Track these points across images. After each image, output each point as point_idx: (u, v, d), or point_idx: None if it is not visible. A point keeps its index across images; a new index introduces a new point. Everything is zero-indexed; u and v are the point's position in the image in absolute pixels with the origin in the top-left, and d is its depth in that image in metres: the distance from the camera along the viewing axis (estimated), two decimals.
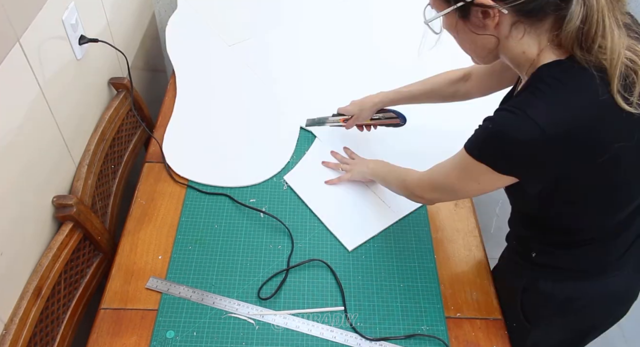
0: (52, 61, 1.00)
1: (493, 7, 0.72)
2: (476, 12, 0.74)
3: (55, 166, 1.04)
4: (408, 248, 1.12)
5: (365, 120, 1.25)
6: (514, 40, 0.76)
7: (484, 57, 0.84)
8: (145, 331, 0.97)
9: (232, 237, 1.12)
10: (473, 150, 0.79)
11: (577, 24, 0.69)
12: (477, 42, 0.80)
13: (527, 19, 0.73)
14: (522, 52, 0.77)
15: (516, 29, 0.74)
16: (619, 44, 0.69)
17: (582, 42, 0.70)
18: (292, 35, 1.61)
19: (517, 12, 0.72)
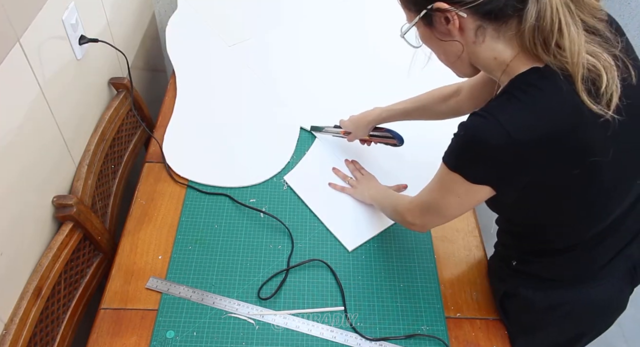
0: (52, 61, 1.00)
1: (450, 10, 0.72)
2: (439, 18, 0.74)
3: (55, 166, 1.04)
4: (408, 248, 1.12)
5: (363, 136, 1.23)
6: (482, 45, 0.75)
7: (459, 68, 0.82)
8: (145, 331, 0.97)
9: (232, 237, 1.12)
10: (447, 159, 0.79)
11: (532, 22, 0.68)
12: (446, 50, 0.79)
13: (491, 23, 0.72)
14: (494, 58, 0.75)
15: (482, 34, 0.73)
16: (578, 43, 0.67)
17: (541, 42, 0.69)
18: (292, 36, 1.61)
19: (476, 15, 0.71)
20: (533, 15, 0.67)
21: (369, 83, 1.48)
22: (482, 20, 0.72)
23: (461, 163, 0.77)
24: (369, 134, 1.21)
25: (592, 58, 0.68)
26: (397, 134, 1.19)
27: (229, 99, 1.41)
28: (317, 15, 1.68)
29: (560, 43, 0.68)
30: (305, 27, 1.64)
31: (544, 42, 0.69)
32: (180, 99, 1.39)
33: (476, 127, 0.72)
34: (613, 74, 0.69)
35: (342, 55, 1.56)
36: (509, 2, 0.69)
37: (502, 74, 0.76)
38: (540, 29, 0.68)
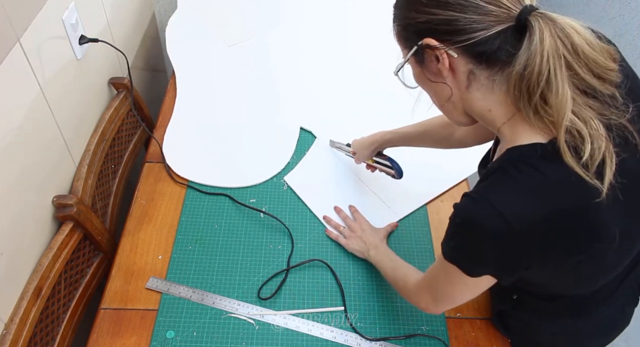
0: (53, 61, 1.00)
1: (439, 48, 0.67)
2: (430, 56, 0.69)
3: (56, 166, 1.04)
4: (408, 248, 1.12)
5: (366, 159, 1.19)
6: (475, 93, 0.69)
7: (452, 114, 0.76)
8: (145, 331, 0.97)
9: (232, 237, 1.12)
10: (444, 249, 0.74)
11: (519, 70, 0.62)
12: (437, 92, 0.74)
13: (483, 69, 0.66)
14: (488, 110, 0.70)
15: (475, 80, 0.68)
16: (563, 100, 0.60)
17: (524, 91, 0.63)
18: (292, 36, 1.61)
19: (468, 56, 0.66)
20: (522, 62, 0.62)
21: (370, 83, 1.48)
22: (474, 63, 0.66)
23: (457, 255, 0.72)
24: (373, 158, 1.18)
25: (578, 121, 0.61)
26: (398, 167, 1.14)
27: (229, 99, 1.41)
28: (317, 15, 1.68)
29: (546, 96, 0.61)
30: (305, 27, 1.64)
31: (527, 91, 0.63)
32: (180, 99, 1.39)
33: (471, 214, 0.66)
34: (600, 144, 0.61)
35: (342, 55, 1.56)
36: (503, 45, 0.63)
37: (499, 133, 0.71)
38: (526, 78, 0.62)
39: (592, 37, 0.61)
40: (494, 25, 0.63)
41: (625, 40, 1.92)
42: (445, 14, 0.65)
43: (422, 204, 1.20)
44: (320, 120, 1.38)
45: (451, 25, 0.65)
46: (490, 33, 0.63)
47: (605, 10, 2.03)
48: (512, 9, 0.63)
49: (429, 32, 0.67)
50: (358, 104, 1.43)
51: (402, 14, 0.71)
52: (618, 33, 1.99)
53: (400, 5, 0.73)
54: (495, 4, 0.63)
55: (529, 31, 0.61)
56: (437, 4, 0.65)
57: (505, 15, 0.63)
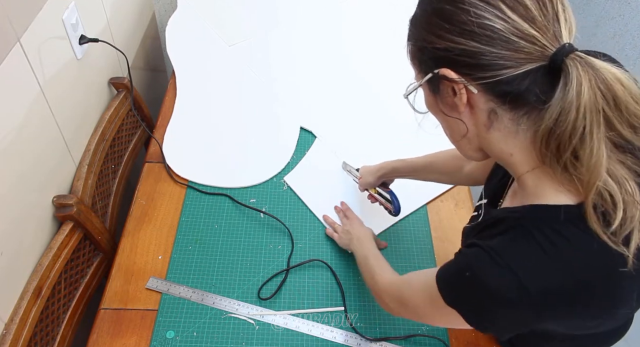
0: (53, 61, 1.00)
1: (457, 81, 0.59)
2: (446, 87, 0.61)
3: (56, 166, 1.04)
4: (408, 248, 1.12)
5: (369, 187, 1.15)
6: (495, 134, 0.61)
7: (465, 149, 0.68)
8: (146, 331, 0.97)
9: (232, 238, 1.12)
10: (444, 292, 0.65)
11: (549, 125, 0.54)
12: (450, 126, 0.66)
13: (507, 110, 0.58)
14: (510, 155, 0.62)
15: (497, 121, 0.60)
16: (598, 163, 0.53)
17: (553, 148, 0.56)
18: (293, 36, 1.61)
19: (490, 94, 0.58)
20: (553, 116, 0.53)
21: (371, 83, 1.48)
22: (497, 102, 0.58)
23: (461, 304, 0.64)
24: (376, 188, 1.14)
25: (611, 182, 0.54)
26: (397, 204, 1.09)
27: (229, 99, 1.41)
28: (317, 15, 1.68)
29: (578, 154, 0.54)
30: (305, 27, 1.64)
31: (556, 148, 0.55)
32: (180, 99, 1.39)
33: (487, 277, 0.59)
34: (634, 212, 0.55)
35: (343, 55, 1.56)
36: (532, 87, 0.55)
37: (519, 180, 0.64)
38: (556, 134, 0.54)
39: (637, 88, 0.53)
40: (524, 64, 0.55)
41: (625, 40, 1.92)
42: (469, 44, 0.56)
43: (422, 204, 1.20)
44: (321, 120, 1.38)
45: (474, 58, 0.56)
46: (518, 72, 0.55)
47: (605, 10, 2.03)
48: (547, 47, 0.54)
49: (448, 61, 0.59)
50: (358, 104, 1.43)
51: (419, 34, 0.63)
52: (618, 33, 1.99)
53: (417, 23, 0.64)
54: (529, 39, 0.54)
55: (564, 77, 0.53)
56: (460, 31, 0.57)
57: (539, 53, 0.54)
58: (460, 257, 0.65)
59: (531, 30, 0.54)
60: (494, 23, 0.55)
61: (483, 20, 0.55)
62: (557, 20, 0.55)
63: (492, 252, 0.59)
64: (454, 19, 0.57)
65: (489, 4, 0.55)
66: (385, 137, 1.33)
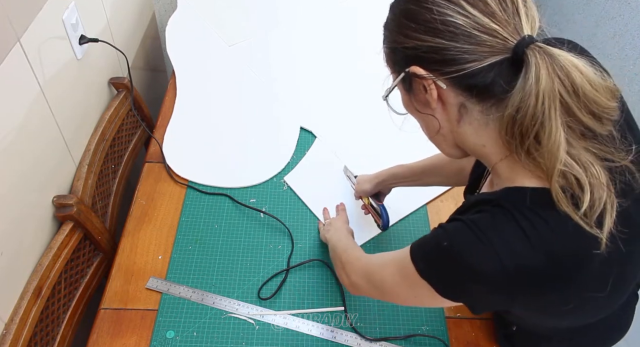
0: (53, 61, 1.00)
1: (425, 77, 0.61)
2: (417, 84, 0.63)
3: (56, 166, 1.04)
4: None
5: (364, 195, 1.12)
6: (467, 127, 0.63)
7: (442, 145, 0.70)
8: (146, 331, 0.97)
9: (232, 237, 1.12)
10: (418, 262, 0.65)
11: (512, 112, 0.56)
12: (426, 122, 0.68)
13: (476, 102, 0.60)
14: (482, 146, 0.64)
15: (467, 114, 0.62)
16: (555, 145, 0.55)
17: (518, 136, 0.57)
18: (293, 35, 1.61)
19: (458, 88, 0.60)
20: (515, 103, 0.56)
21: (371, 83, 1.48)
22: (465, 96, 0.60)
23: (436, 276, 0.64)
24: (369, 197, 1.11)
25: (576, 166, 0.56)
26: (387, 218, 1.05)
27: (229, 99, 1.41)
28: (318, 15, 1.68)
29: (540, 139, 0.56)
30: (306, 26, 1.64)
31: (519, 134, 0.57)
32: (180, 99, 1.39)
33: (468, 251, 0.60)
34: (601, 194, 0.56)
35: (343, 54, 1.56)
36: (497, 79, 0.57)
37: (494, 170, 0.65)
38: (519, 121, 0.56)
39: (594, 75, 0.55)
40: (487, 57, 0.57)
41: (625, 40, 1.92)
42: (434, 41, 0.59)
43: (422, 204, 1.20)
44: (321, 120, 1.38)
45: (440, 54, 0.59)
46: (482, 65, 0.57)
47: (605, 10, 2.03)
48: (508, 39, 0.56)
49: (416, 59, 0.62)
50: (358, 104, 1.43)
51: (390, 36, 0.67)
52: (618, 33, 1.99)
53: (389, 26, 0.68)
54: (490, 33, 0.57)
55: (525, 66, 0.55)
56: (425, 29, 0.59)
57: (500, 46, 0.56)
58: (439, 230, 0.64)
59: (492, 24, 0.56)
60: (456, 19, 0.57)
61: (446, 17, 0.58)
62: (517, 14, 0.57)
63: (474, 227, 0.60)
64: (419, 17, 0.60)
65: (450, 2, 0.58)
66: (385, 137, 1.33)
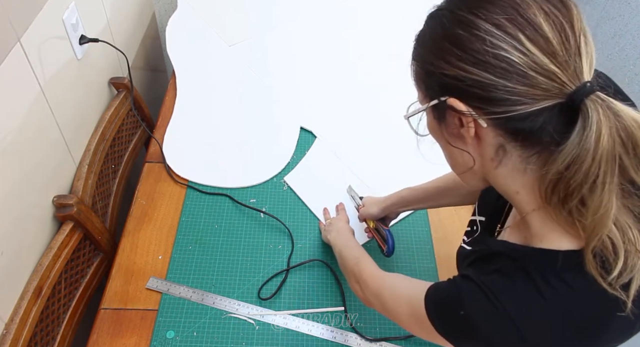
0: (53, 61, 1.00)
1: (465, 114, 0.54)
2: (452, 116, 0.56)
3: (56, 166, 1.04)
4: (408, 248, 1.12)
5: (370, 219, 1.08)
6: (502, 169, 0.57)
7: (467, 179, 0.64)
8: (146, 331, 0.97)
9: (232, 238, 1.12)
10: (434, 320, 0.61)
11: (561, 169, 0.50)
12: (454, 156, 0.62)
13: (517, 147, 0.54)
14: (516, 192, 0.58)
15: (505, 156, 0.55)
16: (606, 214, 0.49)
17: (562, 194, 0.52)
18: (293, 36, 1.61)
19: (501, 129, 0.53)
20: (566, 160, 0.49)
21: (371, 83, 1.48)
22: (507, 138, 0.53)
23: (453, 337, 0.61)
24: (375, 221, 1.08)
25: (615, 229, 0.50)
26: (392, 244, 1.02)
27: (229, 99, 1.41)
28: (318, 15, 1.68)
29: (585, 200, 0.50)
30: (306, 26, 1.64)
31: (564, 193, 0.51)
32: (180, 99, 1.39)
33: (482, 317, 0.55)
34: (635, 261, 0.51)
35: (343, 54, 1.56)
36: (546, 126, 0.50)
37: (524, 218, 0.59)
38: (566, 179, 0.50)
39: None
40: (539, 100, 0.50)
41: (625, 40, 1.92)
42: (482, 75, 0.51)
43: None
44: (321, 120, 1.38)
45: (487, 91, 0.51)
46: (533, 109, 0.50)
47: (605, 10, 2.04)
48: (566, 84, 0.49)
49: (457, 91, 0.54)
50: (359, 103, 1.43)
51: (426, 56, 0.57)
52: (618, 33, 1.99)
53: (425, 44, 0.58)
54: (548, 75, 0.49)
55: (583, 120, 0.48)
56: (474, 61, 0.51)
57: (556, 91, 0.49)
58: (453, 288, 0.60)
59: (551, 65, 0.49)
60: (511, 55, 0.50)
61: (499, 51, 0.50)
62: (579, 54, 0.50)
63: (489, 292, 0.55)
64: (467, 46, 0.52)
65: (507, 34, 0.50)
66: (385, 137, 1.33)
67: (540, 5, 0.51)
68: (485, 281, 0.56)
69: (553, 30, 0.50)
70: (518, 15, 0.50)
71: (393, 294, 0.73)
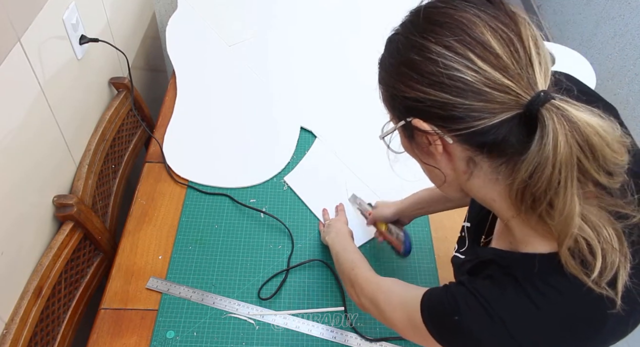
0: (53, 61, 1.00)
1: (430, 133, 0.56)
2: (420, 135, 0.58)
3: (56, 166, 1.04)
4: None
5: (383, 221, 1.08)
6: (476, 180, 0.59)
7: (446, 191, 0.66)
8: (146, 331, 0.97)
9: (232, 237, 1.12)
10: (429, 325, 0.63)
11: (525, 178, 0.52)
12: (428, 172, 0.65)
13: (485, 158, 0.56)
14: (492, 200, 0.59)
15: (475, 167, 0.57)
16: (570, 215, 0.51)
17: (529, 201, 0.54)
18: (293, 35, 1.61)
19: (466, 144, 0.55)
20: (529, 170, 0.51)
21: (371, 83, 1.48)
22: (474, 151, 0.56)
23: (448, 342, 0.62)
24: (388, 224, 1.07)
25: (587, 229, 0.52)
26: (409, 243, 1.03)
27: (229, 99, 1.41)
28: (318, 15, 1.68)
29: (553, 202, 0.52)
30: (306, 26, 1.64)
31: (532, 200, 0.53)
32: (180, 99, 1.39)
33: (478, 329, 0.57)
34: (613, 258, 0.52)
35: (343, 54, 1.56)
36: (509, 137, 0.52)
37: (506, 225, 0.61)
38: (531, 187, 0.52)
39: (611, 133, 0.50)
40: (497, 113, 0.52)
41: (625, 40, 1.92)
42: (440, 96, 0.53)
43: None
44: (321, 120, 1.38)
45: (446, 110, 0.54)
46: (493, 122, 0.52)
47: (605, 10, 2.04)
48: (521, 96, 0.51)
49: (419, 112, 0.56)
50: (359, 103, 1.43)
51: (389, 80, 0.60)
52: (618, 33, 1.99)
53: (385, 68, 0.61)
54: (501, 89, 0.51)
55: (541, 129, 0.50)
56: (430, 82, 0.54)
57: (512, 103, 0.51)
58: (448, 294, 0.61)
59: (504, 79, 0.51)
60: (464, 74, 0.52)
61: (452, 72, 0.52)
62: (530, 65, 0.52)
63: (482, 300, 0.57)
64: (422, 69, 0.54)
65: (457, 54, 0.52)
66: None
67: (486, 23, 0.53)
68: (479, 288, 0.58)
69: (502, 46, 0.52)
70: (466, 36, 0.52)
71: (388, 299, 0.74)
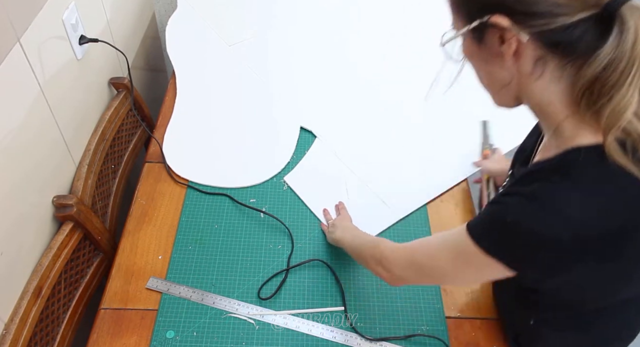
0: (53, 61, 1.00)
1: (508, 29, 0.58)
2: (493, 35, 0.60)
3: (56, 166, 1.04)
4: None
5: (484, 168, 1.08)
6: (538, 82, 0.61)
7: (500, 98, 0.68)
8: (145, 331, 0.97)
9: (232, 237, 1.12)
10: (483, 242, 0.64)
11: (597, 71, 0.55)
12: (491, 75, 0.66)
13: (555, 57, 0.58)
14: (549, 103, 0.62)
15: (541, 68, 0.60)
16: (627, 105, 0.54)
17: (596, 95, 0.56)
18: (293, 35, 1.61)
19: (541, 42, 0.57)
20: (603, 63, 0.54)
21: (371, 83, 1.48)
22: (546, 50, 0.58)
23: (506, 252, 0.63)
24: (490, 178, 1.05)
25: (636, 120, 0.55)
26: None
27: (229, 99, 1.41)
28: (318, 15, 1.68)
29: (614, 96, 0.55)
30: (306, 26, 1.64)
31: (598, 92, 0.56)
32: (180, 99, 1.39)
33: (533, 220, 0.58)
34: None
35: (343, 54, 1.55)
36: (585, 36, 0.55)
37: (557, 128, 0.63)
38: (602, 79, 0.55)
39: None
40: (577, 11, 0.54)
41: None
42: None
43: (422, 204, 1.20)
44: (321, 120, 1.38)
45: (527, 4, 0.56)
46: (572, 20, 0.55)
47: None
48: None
49: (499, 8, 0.58)
50: (359, 103, 1.43)
51: None
52: None
53: None
54: None
55: (620, 25, 0.53)
56: None
57: (593, 1, 0.54)
58: (496, 206, 0.63)
59: None
60: None
61: None
62: None
63: (537, 199, 0.59)
64: None
65: None
66: (385, 136, 1.33)
67: None
68: (527, 190, 0.60)
69: None
70: None
71: (427, 252, 0.75)
